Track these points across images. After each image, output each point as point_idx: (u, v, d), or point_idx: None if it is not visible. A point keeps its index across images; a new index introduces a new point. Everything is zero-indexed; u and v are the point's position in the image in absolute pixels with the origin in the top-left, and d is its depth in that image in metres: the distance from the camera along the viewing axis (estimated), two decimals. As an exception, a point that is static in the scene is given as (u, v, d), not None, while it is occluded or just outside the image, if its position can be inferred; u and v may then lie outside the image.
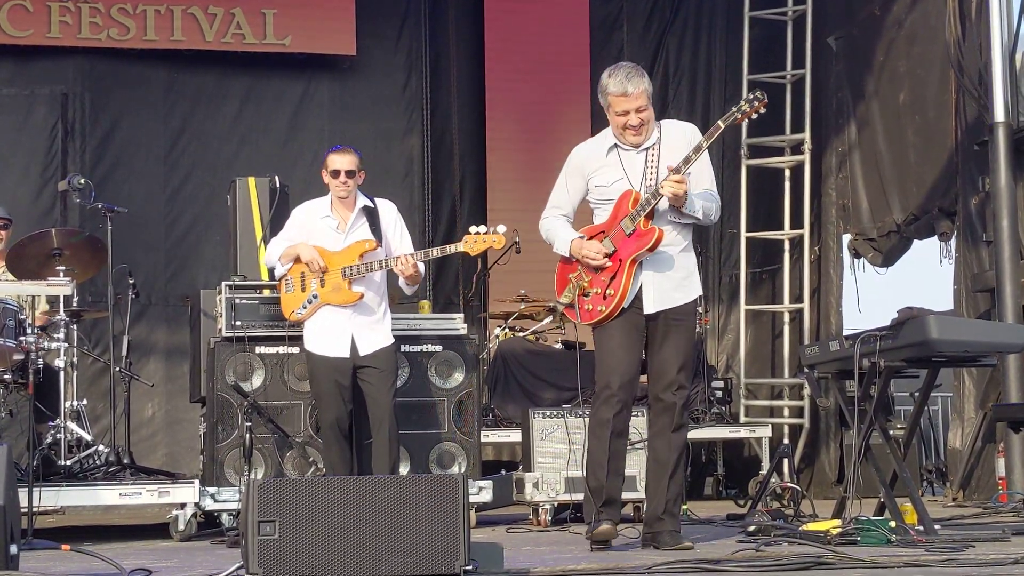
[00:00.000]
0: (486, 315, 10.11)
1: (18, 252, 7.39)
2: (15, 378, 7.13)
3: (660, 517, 5.46)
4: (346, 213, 6.68)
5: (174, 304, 10.14)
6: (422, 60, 10.88)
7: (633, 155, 5.55)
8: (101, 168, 9.97)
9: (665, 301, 5.49)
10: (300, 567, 4.22)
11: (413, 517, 4.27)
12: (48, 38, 9.99)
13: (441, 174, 10.95)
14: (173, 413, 10.06)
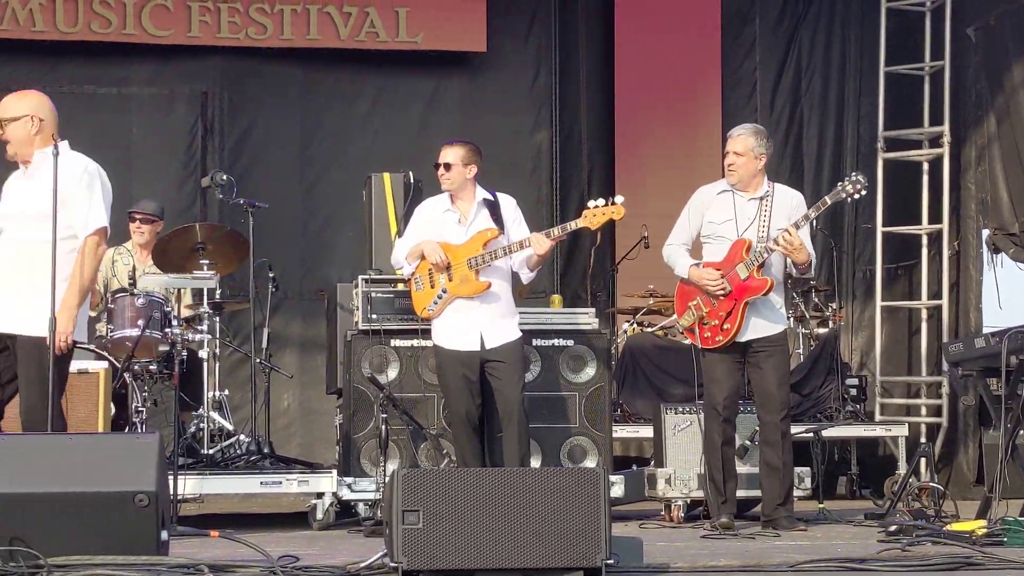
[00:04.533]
0: (614, 310, 10.10)
1: (164, 246, 7.61)
2: (160, 368, 7.36)
3: (777, 506, 6.52)
4: (466, 207, 6.74)
5: (309, 298, 10.30)
6: (551, 55, 10.90)
7: (745, 201, 6.57)
8: (239, 165, 10.17)
9: (760, 331, 6.53)
10: (443, 556, 4.29)
11: (554, 509, 4.31)
12: (188, 38, 10.22)
13: (569, 169, 10.95)
14: (307, 404, 10.22)
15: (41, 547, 4.35)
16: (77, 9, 10.03)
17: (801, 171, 10.93)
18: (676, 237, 6.75)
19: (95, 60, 10.25)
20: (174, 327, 7.28)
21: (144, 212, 8.20)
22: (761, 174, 6.64)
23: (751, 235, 6.53)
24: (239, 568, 4.55)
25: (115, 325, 7.28)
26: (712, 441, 6.58)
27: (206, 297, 7.54)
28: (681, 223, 6.79)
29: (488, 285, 6.62)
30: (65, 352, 5.61)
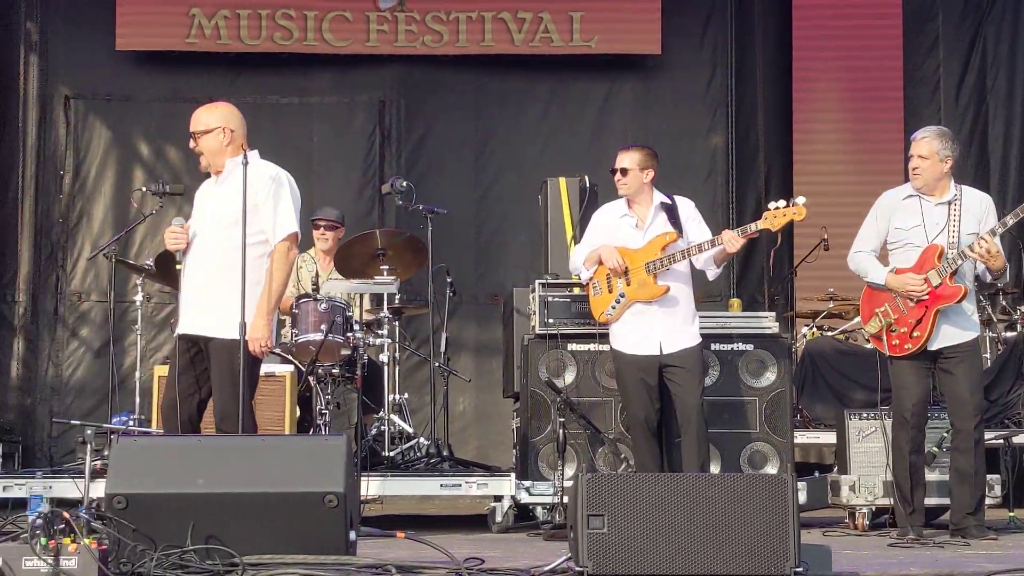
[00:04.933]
0: (792, 314, 9.95)
1: (345, 252, 7.76)
2: (343, 372, 7.49)
3: (967, 515, 6.32)
4: (643, 211, 6.71)
5: (483, 302, 10.41)
6: (727, 56, 10.79)
7: (932, 206, 6.39)
8: (415, 171, 10.31)
9: (951, 339, 6.35)
10: (628, 562, 4.27)
11: (741, 516, 4.26)
12: (367, 47, 10.44)
13: (745, 172, 10.83)
14: (483, 408, 10.31)
15: (236, 546, 4.47)
16: (260, 22, 10.32)
17: (987, 171, 10.62)
18: (863, 244, 6.57)
19: (278, 71, 10.55)
20: (356, 331, 7.42)
21: (327, 219, 8.37)
22: (947, 177, 6.44)
23: (941, 241, 6.35)
24: (426, 569, 4.60)
25: (299, 329, 7.43)
26: (900, 449, 6.43)
27: (386, 302, 7.66)
28: (867, 229, 6.59)
29: (667, 289, 6.58)
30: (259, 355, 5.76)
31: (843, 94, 10.64)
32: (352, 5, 10.39)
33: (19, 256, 10.53)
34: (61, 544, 4.19)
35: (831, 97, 10.64)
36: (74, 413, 10.06)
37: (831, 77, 10.63)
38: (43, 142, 10.62)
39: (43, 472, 7.30)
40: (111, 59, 10.49)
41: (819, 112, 10.66)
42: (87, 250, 10.49)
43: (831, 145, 10.61)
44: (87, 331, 10.54)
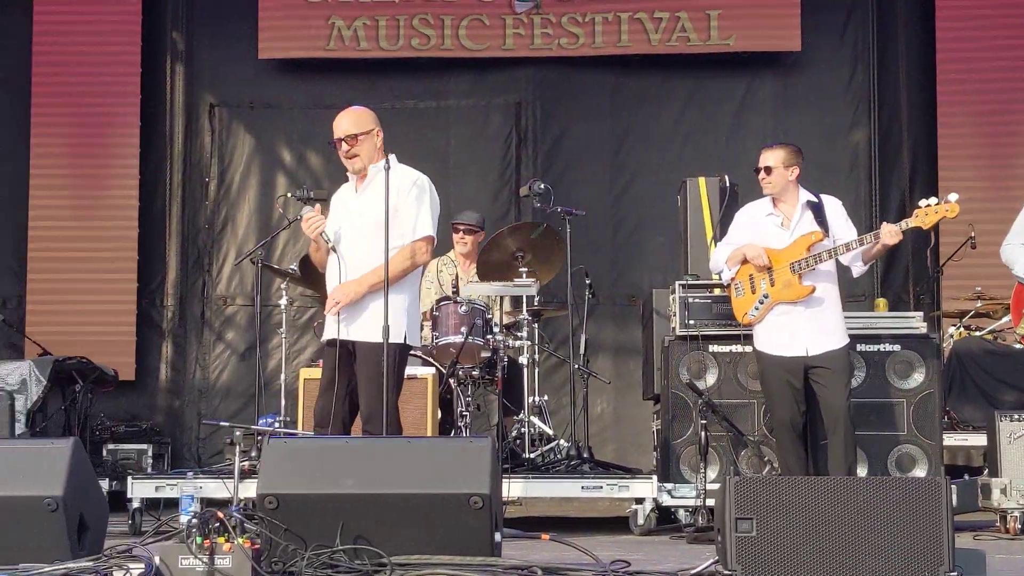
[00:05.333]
0: (939, 314, 9.72)
1: (484, 255, 7.80)
2: (483, 374, 7.53)
3: None
4: (789, 210, 6.62)
5: (621, 303, 10.38)
6: (868, 52, 10.59)
7: None
8: (552, 173, 10.32)
9: None
10: (777, 566, 4.22)
11: (893, 520, 4.18)
12: (503, 50, 10.48)
13: (888, 169, 10.61)
14: (621, 410, 10.27)
15: (383, 546, 4.52)
16: (398, 28, 10.44)
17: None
18: (1016, 236, 6.43)
19: (415, 75, 10.65)
20: (496, 334, 7.45)
21: (467, 223, 8.42)
22: None
23: None
24: (572, 572, 4.59)
25: (440, 332, 7.49)
26: None
27: (525, 304, 7.68)
28: (1020, 222, 6.44)
29: (812, 289, 6.48)
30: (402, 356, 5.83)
31: (991, 89, 10.34)
32: (488, 9, 10.45)
33: (167, 262, 10.79)
34: (216, 543, 4.28)
35: (977, 92, 10.34)
36: (220, 415, 10.28)
37: (977, 72, 10.35)
38: (189, 150, 10.88)
39: (193, 473, 7.46)
40: (254, 67, 10.70)
41: (964, 107, 10.37)
42: (232, 255, 10.71)
43: (977, 140, 10.34)
44: (232, 335, 10.76)
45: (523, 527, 6.70)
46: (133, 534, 6.92)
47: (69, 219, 10.48)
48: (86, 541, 4.65)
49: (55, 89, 10.59)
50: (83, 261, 10.43)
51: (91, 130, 10.59)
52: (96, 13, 10.61)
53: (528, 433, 7.53)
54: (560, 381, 9.72)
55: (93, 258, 10.44)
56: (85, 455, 4.80)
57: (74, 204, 10.52)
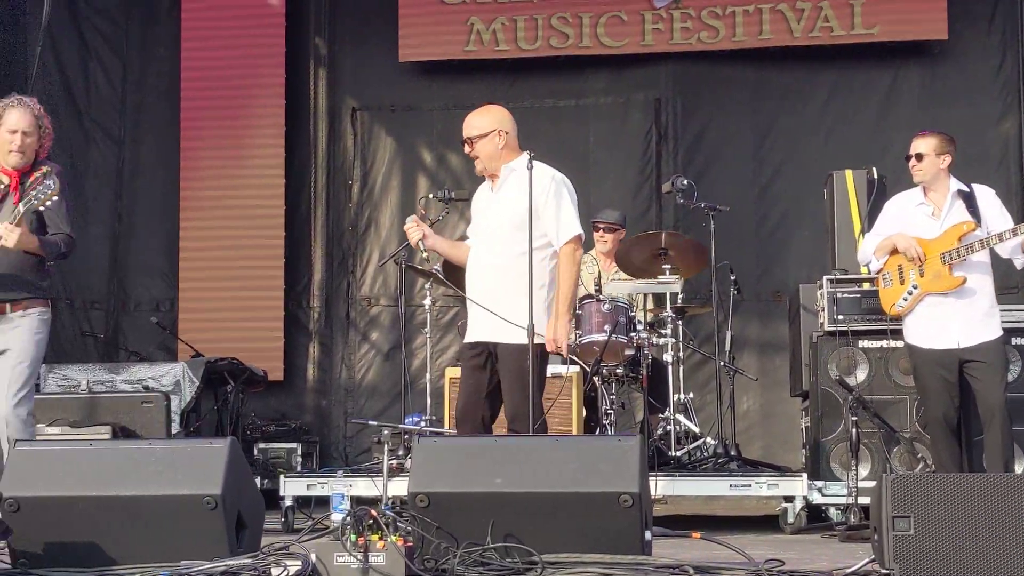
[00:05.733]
0: (1096, 305, 9.41)
1: (627, 252, 7.78)
2: (627, 372, 7.50)
3: None
4: (940, 199, 6.48)
5: (765, 299, 10.25)
6: (1017, 40, 10.27)
7: None
8: (693, 169, 10.23)
9: None
10: (935, 564, 4.12)
11: (1058, 519, 4.06)
12: (642, 46, 10.42)
13: (1040, 159, 10.32)
14: (768, 407, 10.15)
15: (532, 544, 4.52)
16: (537, 27, 10.46)
17: None
18: None
19: (554, 74, 10.65)
20: (639, 331, 7.43)
21: (608, 221, 8.40)
22: None
23: None
24: (725, 571, 4.55)
25: (583, 330, 7.49)
26: None
27: (669, 301, 7.63)
28: None
29: (963, 280, 6.33)
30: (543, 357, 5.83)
31: None
32: (627, 6, 10.41)
33: (312, 264, 10.98)
34: (370, 541, 4.33)
35: None
36: (366, 414, 10.42)
37: None
38: (332, 153, 11.05)
39: (343, 471, 7.57)
40: (394, 70, 10.81)
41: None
42: (375, 256, 10.85)
43: None
44: (377, 335, 10.90)
45: (669, 526, 6.66)
46: (286, 531, 7.06)
47: (218, 224, 10.72)
48: (244, 538, 4.74)
49: (202, 96, 10.84)
50: (232, 264, 10.66)
51: (238, 136, 10.82)
52: (241, 20, 10.84)
53: (674, 431, 7.49)
54: (705, 378, 9.64)
55: (242, 261, 10.66)
56: (241, 454, 4.90)
57: (222, 209, 10.75)
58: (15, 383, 5.90)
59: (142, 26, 11.16)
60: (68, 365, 9.09)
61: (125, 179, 11.06)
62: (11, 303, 5.97)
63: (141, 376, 8.99)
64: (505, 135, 5.92)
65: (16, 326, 5.97)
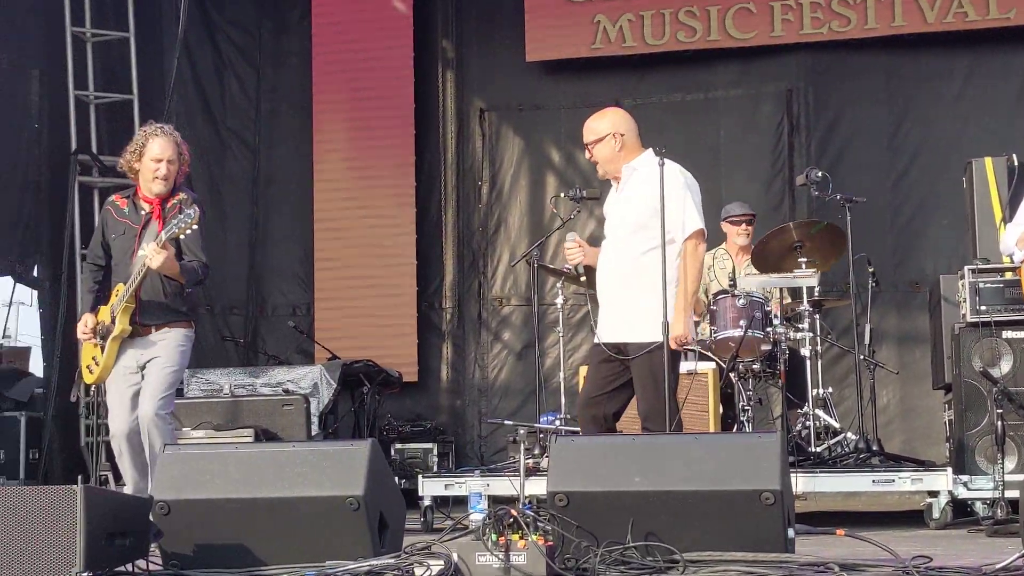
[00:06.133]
0: None
1: (761, 246, 7.69)
2: (764, 367, 7.42)
3: None
4: (1080, 185, 6.31)
5: (903, 290, 10.06)
6: None
7: None
8: (826, 160, 10.07)
9: None
10: (1092, 560, 4.00)
11: None
12: (771, 37, 10.29)
13: None
14: (908, 400, 9.95)
15: (673, 543, 4.50)
16: (664, 22, 10.40)
17: None
18: None
19: (682, 68, 10.59)
20: (776, 326, 7.34)
21: (738, 215, 8.32)
22: None
23: None
24: (871, 568, 4.47)
25: (718, 326, 7.43)
26: None
27: (805, 295, 7.53)
28: None
29: (1110, 269, 6.15)
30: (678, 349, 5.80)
31: None
32: (754, -2, 10.31)
33: (444, 266, 11.06)
34: (510, 540, 4.35)
35: None
36: (500, 413, 10.46)
37: None
38: (461, 155, 11.12)
39: (480, 471, 7.61)
40: (521, 70, 10.84)
41: None
42: (506, 256, 10.90)
43: None
44: (509, 334, 10.94)
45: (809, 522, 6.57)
46: (425, 531, 7.12)
47: (351, 228, 10.87)
48: (386, 538, 4.79)
49: (333, 102, 11.00)
50: (366, 267, 10.80)
51: (368, 141, 10.96)
52: (370, 26, 10.96)
53: (813, 426, 7.39)
54: (843, 372, 9.48)
55: (375, 264, 10.79)
56: (382, 455, 4.96)
57: (355, 213, 10.90)
58: (160, 386, 6.10)
59: (274, 36, 11.37)
60: (210, 370, 9.30)
61: (260, 186, 11.27)
62: (155, 326, 6.17)
63: (280, 379, 9.16)
64: (621, 137, 5.93)
65: (161, 339, 6.18)
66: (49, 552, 4.28)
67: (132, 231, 6.23)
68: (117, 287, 6.20)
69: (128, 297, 6.08)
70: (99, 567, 4.41)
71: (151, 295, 6.15)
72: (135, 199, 6.29)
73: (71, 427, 9.61)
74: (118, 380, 6.18)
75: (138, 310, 6.14)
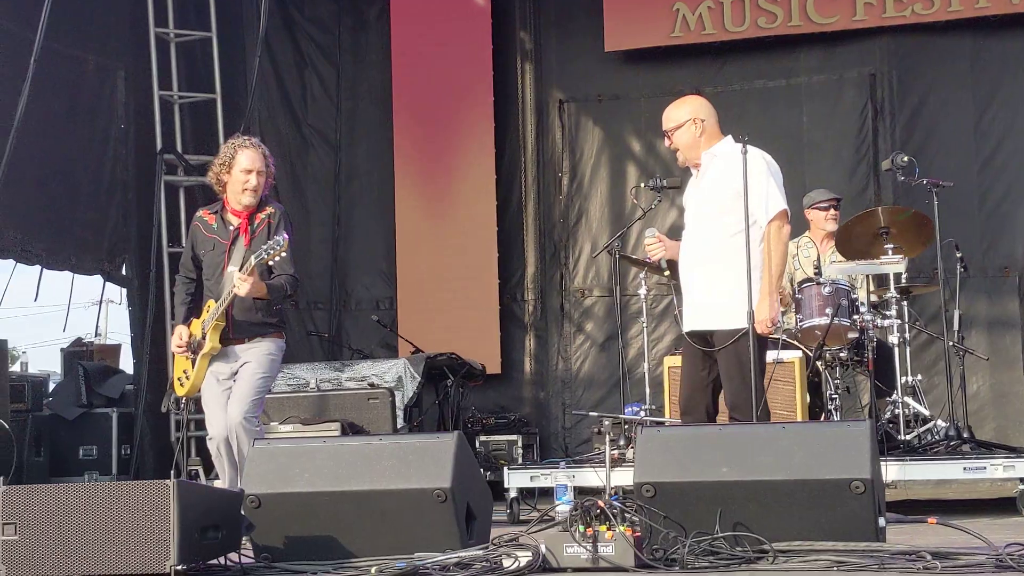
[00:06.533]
0: None
1: (846, 233, 7.60)
2: (851, 355, 7.34)
3: None
4: None
5: (993, 276, 9.90)
6: None
7: None
8: (911, 144, 9.92)
9: None
10: None
11: None
12: (854, 21, 10.15)
13: None
14: (999, 387, 9.79)
15: (762, 532, 4.47)
16: (744, 8, 10.32)
17: None
18: None
19: (763, 55, 10.50)
20: (863, 313, 7.25)
21: (822, 201, 8.23)
22: None
23: None
24: (963, 555, 4.40)
25: (804, 315, 7.35)
26: None
27: (892, 281, 7.43)
28: None
29: None
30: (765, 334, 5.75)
31: None
32: (838, -19, 10.18)
33: (525, 258, 11.07)
34: (598, 531, 4.35)
35: None
36: (584, 404, 10.46)
37: None
38: (541, 146, 11.12)
39: (565, 462, 7.61)
40: (600, 60, 10.82)
41: None
42: (587, 248, 10.89)
43: None
44: (591, 325, 10.93)
45: (900, 511, 6.50)
46: (512, 522, 7.14)
47: (432, 222, 10.92)
48: (474, 530, 4.82)
49: (413, 97, 11.05)
50: (448, 261, 10.84)
51: (448, 135, 10.99)
52: (448, 21, 11.00)
53: (902, 414, 7.29)
54: (932, 359, 9.35)
55: (457, 258, 10.83)
56: (468, 447, 4.98)
57: (436, 206, 10.94)
58: (249, 392, 6.18)
59: (353, 33, 11.45)
60: (296, 365, 9.39)
61: (342, 183, 11.35)
62: (247, 338, 6.25)
63: (365, 373, 9.23)
64: (702, 123, 5.89)
65: (253, 347, 6.27)
66: (145, 545, 4.34)
67: (221, 247, 6.31)
68: (208, 303, 6.30)
69: (219, 316, 6.18)
70: (193, 560, 4.47)
71: (242, 314, 6.24)
72: (223, 214, 6.37)
73: (162, 423, 9.75)
74: (213, 385, 6.28)
75: (230, 327, 6.25)
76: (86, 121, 9.81)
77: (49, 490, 4.56)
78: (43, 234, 9.36)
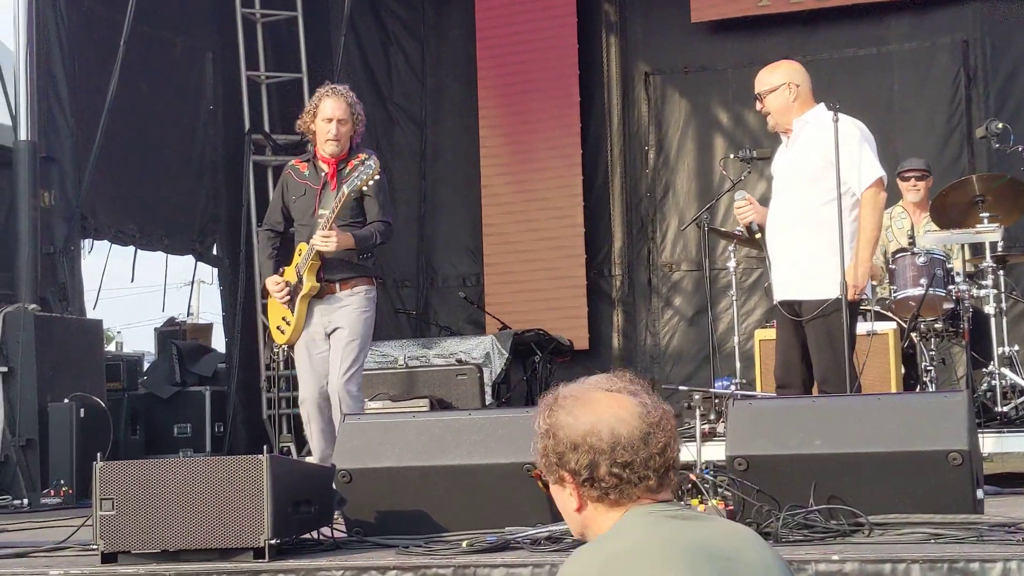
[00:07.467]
0: None
1: (940, 202, 7.45)
2: (946, 326, 7.21)
3: None
4: None
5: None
6: None
7: None
8: (1005, 111, 9.70)
9: None
10: None
11: None
12: (943, -12, 9.99)
13: None
14: (1102, 357, 9.57)
15: (857, 505, 4.40)
16: (832, -25, 10.14)
17: None
18: None
19: (853, 23, 10.32)
20: (958, 283, 7.12)
21: (918, 168, 8.09)
22: None
23: None
24: (1066, 530, 4.30)
25: (898, 285, 7.24)
26: None
27: (988, 250, 7.27)
28: None
29: None
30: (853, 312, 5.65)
31: None
32: (929, -54, 9.97)
33: (612, 232, 11.01)
34: (689, 505, 4.31)
35: None
36: (673, 380, 10.37)
37: None
38: (627, 120, 11.03)
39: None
40: (686, 31, 10.70)
41: None
42: (674, 221, 10.80)
43: None
44: (680, 300, 10.84)
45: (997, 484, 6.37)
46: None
47: (518, 197, 10.89)
48: (563, 504, 4.78)
49: (497, 73, 11.02)
50: (534, 236, 10.81)
51: (533, 110, 10.94)
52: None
53: (999, 385, 7.15)
54: (1027, 330, 9.16)
55: (543, 233, 10.79)
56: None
57: (521, 182, 10.91)
58: (346, 360, 6.16)
59: (437, 9, 11.44)
60: (384, 342, 9.44)
61: (428, 160, 11.37)
62: (340, 282, 6.24)
63: (453, 350, 9.25)
64: (796, 88, 5.79)
65: (344, 305, 6.23)
66: (239, 519, 4.38)
67: (312, 191, 6.30)
68: (300, 246, 6.29)
69: (313, 255, 6.17)
70: (286, 534, 4.50)
71: (336, 252, 6.21)
72: (314, 160, 6.38)
73: (254, 400, 9.86)
74: (307, 346, 6.27)
75: (323, 267, 6.21)
76: (175, 102, 9.93)
77: (144, 466, 4.61)
78: (136, 215, 9.50)
